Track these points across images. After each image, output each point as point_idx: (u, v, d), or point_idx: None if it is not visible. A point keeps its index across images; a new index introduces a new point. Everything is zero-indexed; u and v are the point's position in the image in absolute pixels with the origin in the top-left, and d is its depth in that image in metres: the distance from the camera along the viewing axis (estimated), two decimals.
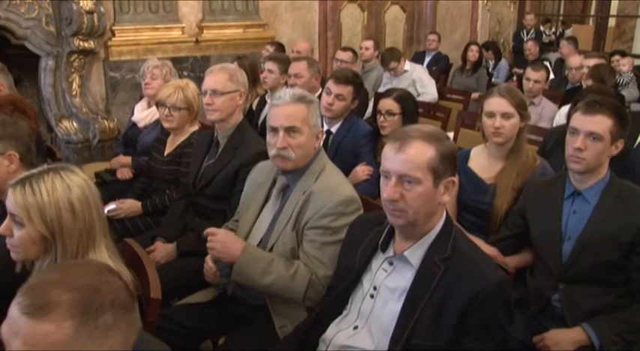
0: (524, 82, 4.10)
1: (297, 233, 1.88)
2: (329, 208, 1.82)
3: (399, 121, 2.87)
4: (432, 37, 6.53)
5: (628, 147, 2.42)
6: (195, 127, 2.93)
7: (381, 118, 2.92)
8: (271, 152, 1.90)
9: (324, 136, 3.01)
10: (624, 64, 5.78)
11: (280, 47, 4.99)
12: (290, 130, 1.85)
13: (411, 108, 2.94)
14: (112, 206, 2.79)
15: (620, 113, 1.92)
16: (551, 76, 6.12)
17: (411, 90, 4.08)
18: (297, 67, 3.56)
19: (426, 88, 4.91)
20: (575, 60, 4.84)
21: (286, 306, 1.87)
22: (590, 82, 3.73)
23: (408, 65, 5.13)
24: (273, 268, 1.80)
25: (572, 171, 1.97)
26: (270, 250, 1.91)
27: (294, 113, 1.86)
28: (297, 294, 1.81)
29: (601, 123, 1.89)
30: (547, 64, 6.16)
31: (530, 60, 6.17)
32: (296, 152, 1.86)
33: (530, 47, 6.56)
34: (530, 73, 4.08)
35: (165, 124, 2.87)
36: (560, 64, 6.47)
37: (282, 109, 1.88)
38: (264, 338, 1.83)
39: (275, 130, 1.88)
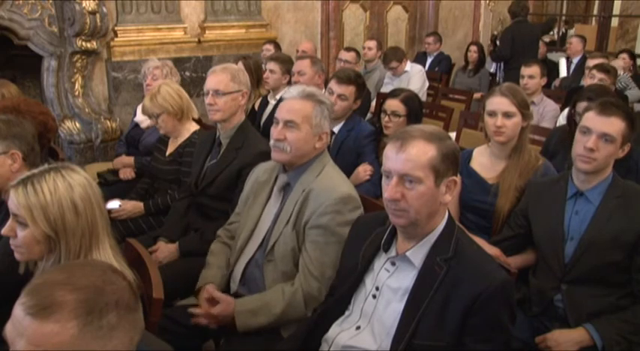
0: (520, 80, 4.11)
1: (297, 233, 1.88)
2: (327, 206, 1.82)
3: (404, 122, 2.86)
4: (429, 39, 6.35)
5: (632, 147, 2.42)
6: (196, 127, 2.94)
7: (386, 118, 2.91)
8: (270, 142, 1.95)
9: (330, 138, 3.03)
10: (619, 64, 5.74)
11: (277, 47, 4.98)
12: (289, 123, 1.89)
13: (416, 110, 2.93)
14: (114, 202, 2.80)
15: (631, 117, 1.93)
16: (563, 74, 6.08)
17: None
18: (301, 65, 3.61)
19: None
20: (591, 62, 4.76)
21: None
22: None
23: (408, 66, 5.10)
24: (269, 298, 1.83)
25: (580, 170, 1.95)
26: (272, 249, 1.92)
27: (297, 109, 1.90)
28: (301, 311, 1.83)
29: (615, 125, 1.89)
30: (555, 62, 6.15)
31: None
32: (291, 146, 1.89)
33: (540, 46, 6.51)
34: (523, 70, 4.11)
35: (160, 131, 2.96)
36: (569, 63, 6.44)
37: (288, 102, 1.94)
38: (267, 338, 1.83)
39: (276, 121, 1.93)
